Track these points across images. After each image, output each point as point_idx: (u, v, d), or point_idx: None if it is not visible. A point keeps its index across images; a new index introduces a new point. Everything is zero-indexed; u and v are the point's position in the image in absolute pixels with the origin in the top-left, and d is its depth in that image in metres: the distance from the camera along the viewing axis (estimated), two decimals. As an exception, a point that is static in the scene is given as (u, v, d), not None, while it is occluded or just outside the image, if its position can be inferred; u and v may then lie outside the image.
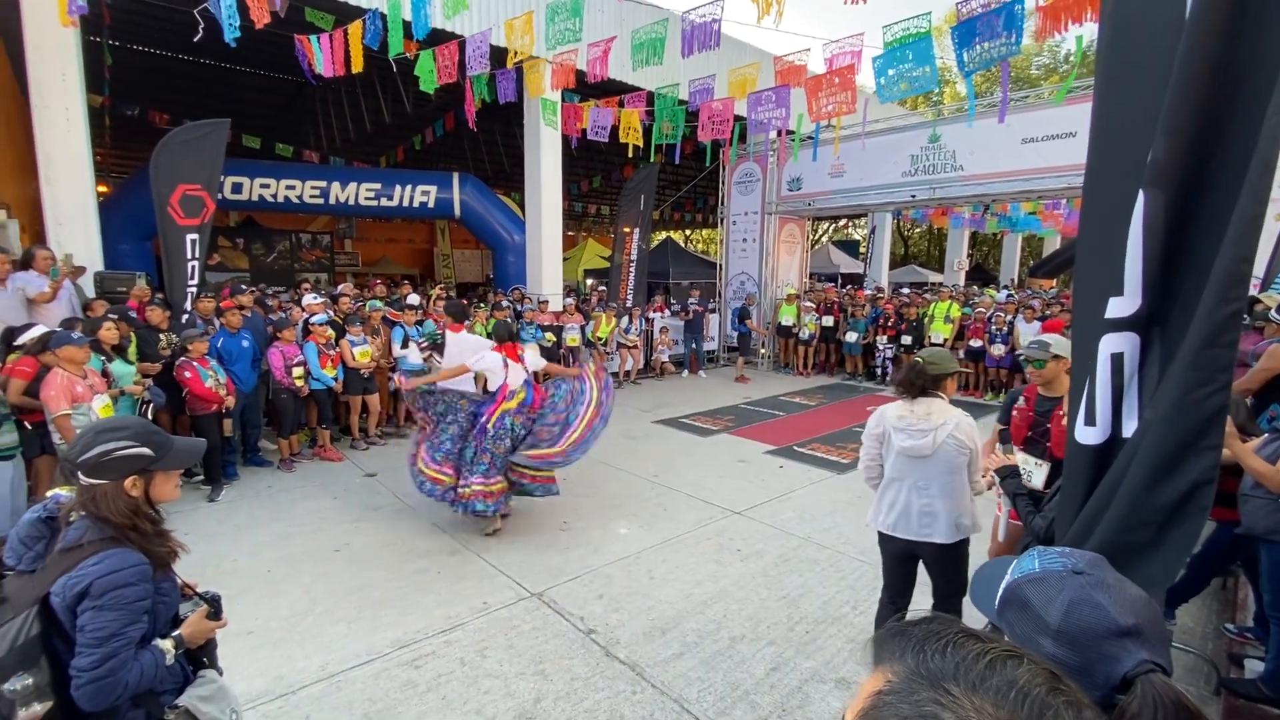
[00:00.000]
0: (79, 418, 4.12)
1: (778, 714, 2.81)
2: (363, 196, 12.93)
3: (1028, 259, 24.96)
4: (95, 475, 1.49)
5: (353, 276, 18.08)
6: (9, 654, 1.36)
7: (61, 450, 4.16)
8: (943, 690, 0.53)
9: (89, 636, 1.39)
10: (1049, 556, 0.88)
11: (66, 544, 1.46)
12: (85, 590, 1.40)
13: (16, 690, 1.35)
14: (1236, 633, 3.46)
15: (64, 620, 1.42)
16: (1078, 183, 8.48)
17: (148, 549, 1.52)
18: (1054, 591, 0.83)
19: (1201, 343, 1.30)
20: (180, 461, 1.63)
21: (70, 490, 1.55)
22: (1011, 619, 0.87)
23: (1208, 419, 1.32)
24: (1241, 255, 1.26)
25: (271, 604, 3.71)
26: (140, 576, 1.47)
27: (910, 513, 2.81)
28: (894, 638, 0.61)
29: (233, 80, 12.28)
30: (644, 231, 12.00)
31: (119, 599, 1.42)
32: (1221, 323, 1.28)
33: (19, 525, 1.53)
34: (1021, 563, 0.90)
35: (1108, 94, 1.57)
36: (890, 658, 0.59)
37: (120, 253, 9.39)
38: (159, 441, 1.57)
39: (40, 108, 6.49)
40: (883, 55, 5.44)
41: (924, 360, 2.81)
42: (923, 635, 0.60)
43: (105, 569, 1.42)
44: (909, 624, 0.62)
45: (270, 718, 2.77)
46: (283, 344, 6.12)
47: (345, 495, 5.51)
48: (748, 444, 7.21)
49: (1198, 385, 1.31)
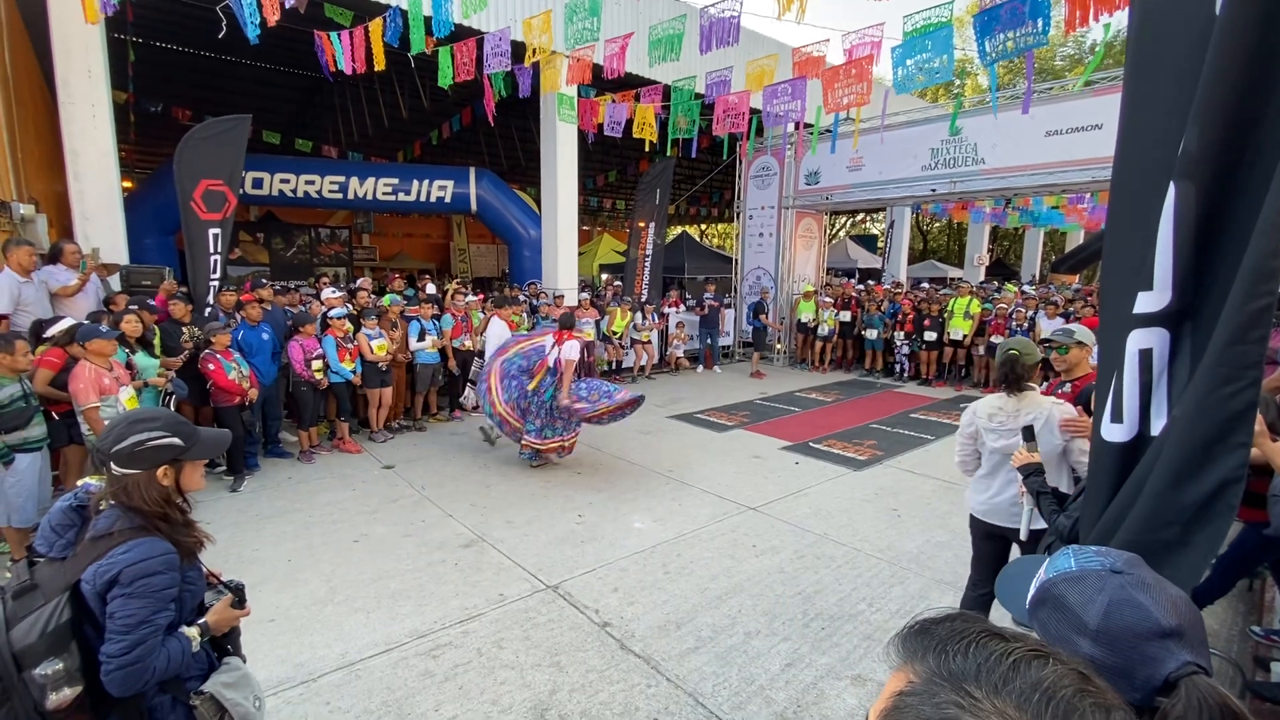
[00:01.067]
0: (107, 409, 4.20)
1: (793, 710, 2.81)
2: (380, 191, 13.04)
3: (1050, 254, 24.56)
4: (128, 465, 1.52)
5: (370, 271, 18.27)
6: (40, 639, 1.39)
7: (90, 441, 4.25)
8: (964, 692, 0.52)
9: (118, 623, 1.42)
10: (1085, 555, 0.86)
11: (96, 532, 1.50)
12: (115, 578, 1.43)
13: (48, 675, 1.38)
14: (1263, 635, 3.39)
15: (94, 607, 1.46)
16: (1103, 176, 8.34)
17: (176, 538, 1.55)
18: (1093, 591, 0.81)
19: (1229, 338, 1.27)
20: (207, 451, 1.66)
21: (100, 480, 1.58)
22: (1045, 618, 0.85)
23: (1236, 416, 1.29)
24: (1272, 249, 1.23)
25: (292, 593, 3.77)
26: (168, 565, 1.50)
27: (1001, 501, 2.89)
28: (917, 636, 0.60)
29: (253, 76, 12.42)
30: (659, 226, 11.97)
31: (148, 587, 1.45)
32: (1250, 318, 1.25)
33: (50, 513, 1.57)
34: (1056, 561, 0.88)
35: (1138, 84, 1.54)
36: (912, 657, 0.58)
37: (145, 247, 9.57)
38: (187, 432, 1.60)
39: (67, 104, 6.61)
40: (901, 45, 5.36)
41: (1018, 352, 2.82)
42: (945, 634, 0.58)
43: (134, 557, 1.45)
44: (932, 622, 0.61)
45: (292, 704, 2.82)
46: (302, 337, 6.20)
47: (364, 487, 5.58)
48: (763, 440, 7.18)
49: (1225, 382, 1.28)
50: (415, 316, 7.39)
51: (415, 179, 13.23)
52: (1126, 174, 1.56)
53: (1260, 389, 1.31)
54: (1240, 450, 1.30)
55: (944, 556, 4.29)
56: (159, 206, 10.10)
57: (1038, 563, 0.94)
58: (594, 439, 7.11)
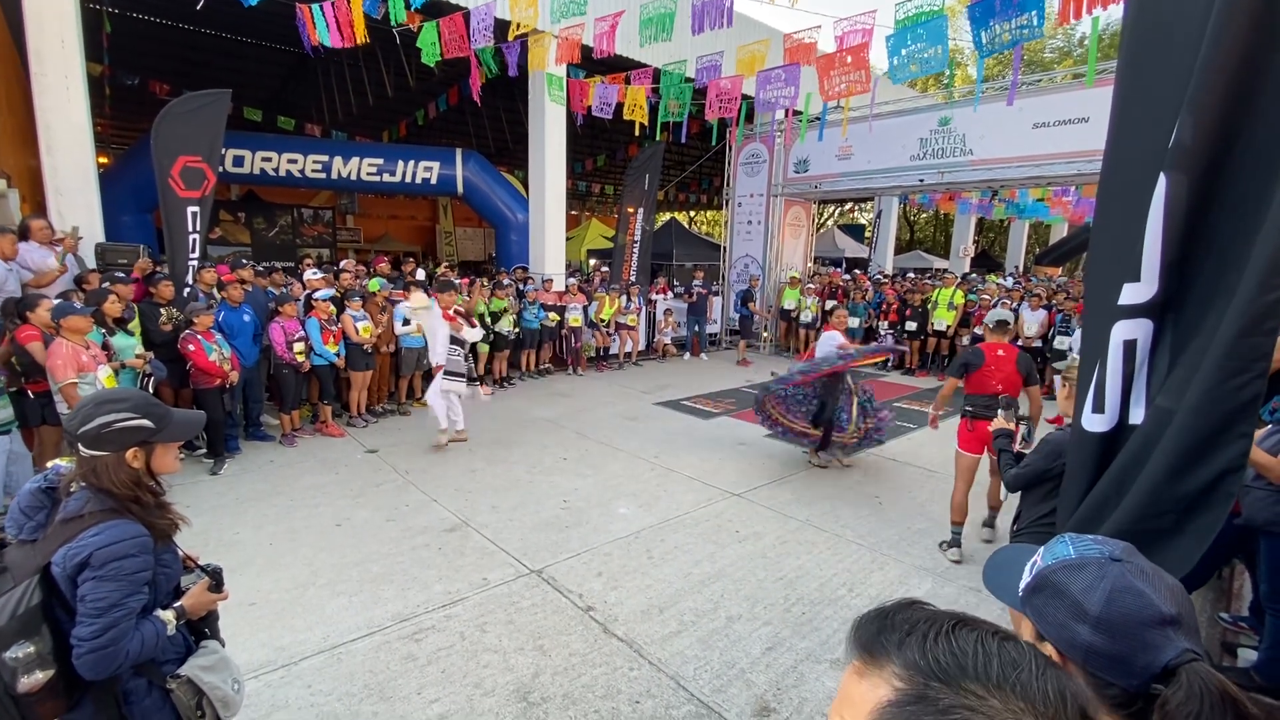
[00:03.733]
0: (85, 387, 4.12)
1: (773, 692, 2.84)
2: (365, 172, 12.81)
3: (1034, 246, 24.78)
4: (96, 446, 1.48)
5: (354, 253, 18.01)
6: (10, 622, 1.36)
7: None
8: (966, 692, 0.48)
9: (89, 607, 1.40)
10: (1084, 543, 0.86)
11: (67, 514, 1.46)
12: (85, 561, 1.40)
13: (18, 658, 1.35)
14: (1231, 622, 3.48)
15: (65, 590, 1.43)
16: (1088, 169, 8.40)
17: (149, 520, 1.52)
18: (1094, 579, 0.80)
19: (1239, 330, 1.27)
20: (179, 434, 1.62)
21: (71, 461, 1.55)
22: (1042, 605, 0.85)
23: (1242, 406, 1.30)
24: None
25: (273, 576, 3.74)
26: (141, 548, 1.47)
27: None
28: (882, 634, 0.54)
29: (234, 51, 12.13)
30: (648, 212, 11.90)
31: (119, 570, 1.42)
32: (1262, 310, 1.25)
33: (20, 495, 1.53)
34: (1054, 548, 0.88)
35: (1131, 75, 1.53)
36: (881, 655, 0.53)
37: (122, 224, 9.32)
38: (159, 414, 1.56)
39: (39, 75, 6.40)
40: (895, 34, 5.34)
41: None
42: (909, 624, 0.54)
43: (105, 540, 1.42)
44: (887, 613, 0.56)
45: (272, 688, 2.80)
46: (284, 319, 6.10)
47: (346, 471, 5.53)
48: (748, 427, 7.21)
49: (1234, 374, 1.29)
50: (401, 300, 7.29)
51: (400, 159, 13.00)
52: (1117, 164, 1.56)
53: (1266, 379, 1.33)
54: (1243, 440, 1.32)
55: (924, 544, 4.35)
56: (136, 183, 9.84)
57: (1027, 551, 0.94)
58: (581, 426, 7.11)
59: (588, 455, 6.06)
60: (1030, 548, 0.95)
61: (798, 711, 2.73)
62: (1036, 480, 2.55)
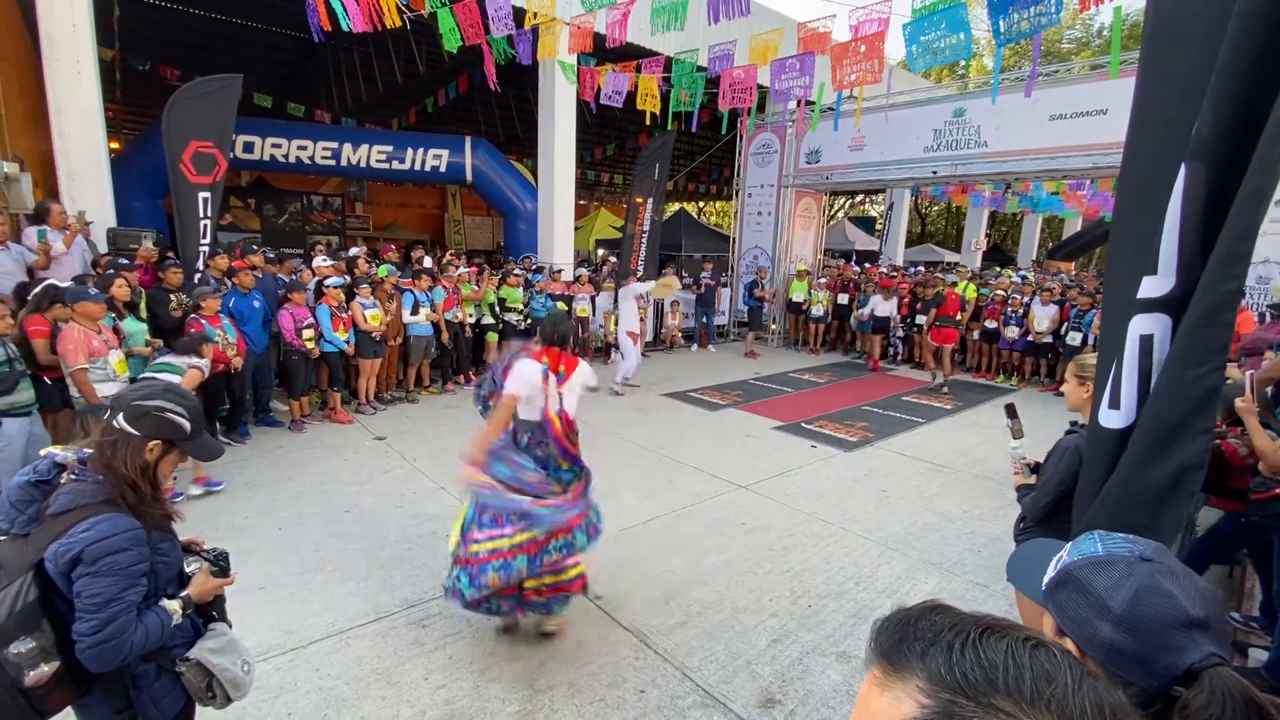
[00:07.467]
0: (96, 371, 4.16)
1: (778, 684, 2.85)
2: (374, 159, 12.79)
3: (1047, 241, 24.51)
4: (134, 423, 1.50)
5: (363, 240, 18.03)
6: (9, 619, 1.35)
7: (80, 404, 4.20)
8: (999, 711, 0.44)
9: (86, 602, 1.39)
10: (1113, 540, 0.84)
11: (56, 509, 1.44)
12: (78, 557, 1.39)
13: (21, 653, 1.35)
14: (1242, 621, 3.45)
15: (61, 585, 1.42)
16: (1104, 162, 8.29)
17: (141, 510, 1.50)
18: (1121, 577, 0.79)
19: (1198, 321, 1.26)
20: (199, 451, 1.66)
21: (65, 449, 1.54)
22: (1064, 600, 0.83)
23: (1200, 400, 1.29)
24: (1244, 231, 1.22)
25: (282, 561, 3.77)
26: (133, 541, 1.45)
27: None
28: (904, 642, 0.51)
29: (244, 36, 12.08)
30: (657, 202, 11.82)
31: (112, 565, 1.41)
32: (1220, 301, 1.24)
33: (9, 489, 1.51)
34: (1081, 545, 0.87)
35: (1153, 65, 1.50)
36: (906, 667, 0.49)
37: (133, 209, 9.37)
38: (199, 426, 1.61)
39: (51, 59, 6.42)
40: (913, 22, 5.26)
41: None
42: (933, 631, 0.50)
43: (95, 535, 1.40)
44: (910, 618, 0.53)
45: (281, 671, 2.83)
46: (293, 306, 6.12)
47: (355, 457, 5.57)
48: (755, 419, 7.20)
49: (1193, 365, 1.28)
50: (410, 289, 7.31)
51: (410, 147, 12.98)
52: (1138, 154, 1.53)
53: (1225, 373, 1.31)
54: (1202, 436, 1.31)
55: (931, 538, 4.34)
56: (147, 168, 9.87)
57: (1054, 546, 0.93)
58: (587, 416, 7.10)
59: (594, 445, 6.04)
60: (1056, 543, 0.94)
61: (803, 704, 2.73)
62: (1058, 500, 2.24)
